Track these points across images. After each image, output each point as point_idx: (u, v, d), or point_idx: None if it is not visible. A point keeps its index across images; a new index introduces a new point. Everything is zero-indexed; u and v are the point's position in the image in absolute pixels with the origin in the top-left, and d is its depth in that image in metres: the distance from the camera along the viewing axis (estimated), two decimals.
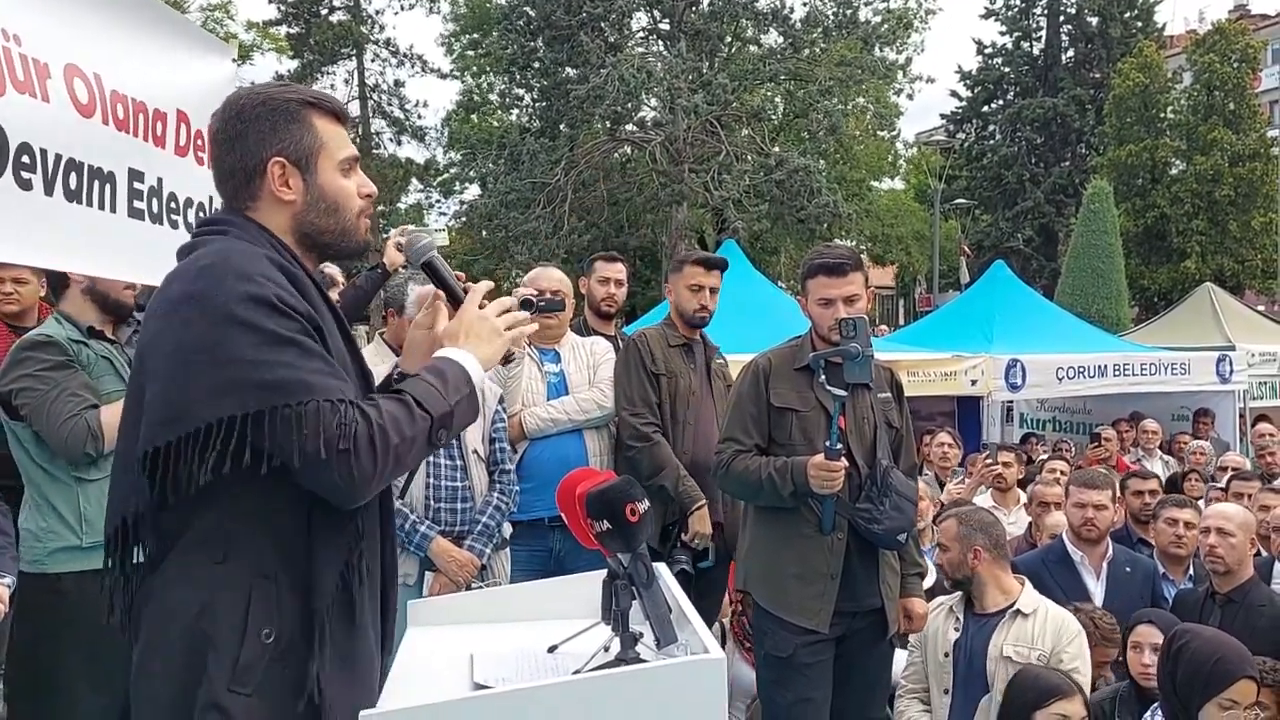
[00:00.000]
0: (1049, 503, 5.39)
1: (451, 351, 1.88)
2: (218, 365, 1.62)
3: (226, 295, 1.65)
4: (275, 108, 1.84)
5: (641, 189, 25.88)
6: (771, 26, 26.50)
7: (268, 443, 1.62)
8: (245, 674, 1.66)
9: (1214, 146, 27.24)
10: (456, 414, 1.80)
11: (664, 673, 1.64)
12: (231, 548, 1.69)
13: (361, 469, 1.64)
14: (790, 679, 3.40)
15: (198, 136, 3.43)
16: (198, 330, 1.64)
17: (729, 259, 4.89)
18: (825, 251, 3.54)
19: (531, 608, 2.19)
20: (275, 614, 1.69)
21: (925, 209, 35.53)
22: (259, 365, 1.62)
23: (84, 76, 2.88)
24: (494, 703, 1.61)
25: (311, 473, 1.64)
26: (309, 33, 30.23)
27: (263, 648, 1.67)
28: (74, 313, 3.26)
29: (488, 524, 3.70)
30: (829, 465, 3.21)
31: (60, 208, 2.80)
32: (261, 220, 1.84)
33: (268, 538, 1.71)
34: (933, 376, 8.70)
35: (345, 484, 1.65)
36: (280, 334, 1.65)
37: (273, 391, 1.62)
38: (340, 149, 1.89)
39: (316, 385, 1.65)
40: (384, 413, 1.70)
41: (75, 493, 3.10)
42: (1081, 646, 3.57)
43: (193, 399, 1.63)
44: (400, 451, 1.70)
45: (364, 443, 1.64)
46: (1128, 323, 17.77)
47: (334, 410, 1.63)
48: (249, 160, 1.83)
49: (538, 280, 4.29)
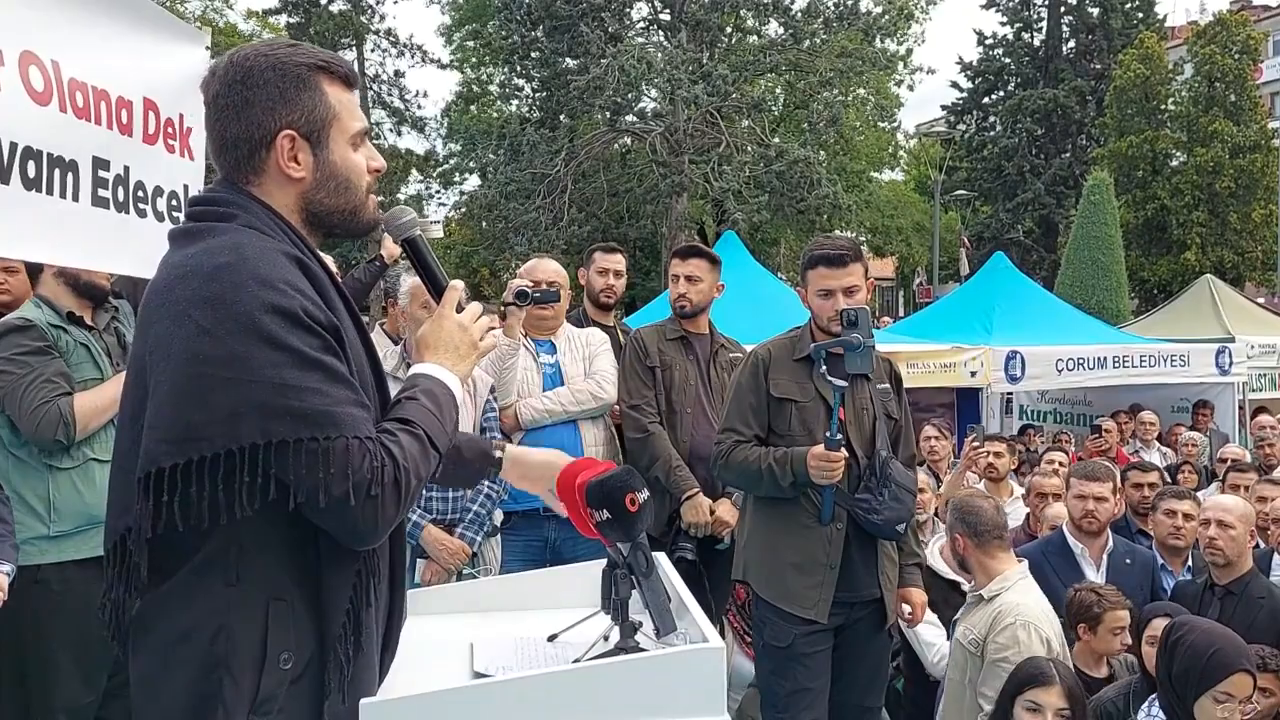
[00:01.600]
0: (1047, 494, 5.40)
1: (437, 370, 1.77)
2: (237, 385, 1.48)
3: (248, 304, 1.50)
4: (285, 73, 1.67)
5: (641, 180, 25.84)
6: (772, 17, 26.43)
7: (291, 476, 1.51)
8: (267, 702, 1.56)
9: (1215, 138, 27.17)
10: (447, 439, 1.74)
11: (663, 661, 1.64)
12: (244, 569, 1.57)
13: (386, 515, 1.55)
14: (789, 669, 3.41)
15: (167, 125, 3.37)
16: (215, 340, 1.49)
17: (730, 250, 4.90)
18: (825, 243, 3.54)
19: (531, 597, 2.20)
20: (292, 637, 1.58)
21: (925, 200, 35.48)
22: (284, 390, 1.49)
23: (40, 64, 2.82)
24: (494, 691, 1.62)
25: (334, 514, 1.53)
26: (309, 22, 30.14)
27: (282, 674, 1.57)
28: (51, 296, 3.25)
29: (479, 512, 3.73)
30: (829, 456, 3.21)
31: (18, 196, 2.75)
32: (265, 197, 1.69)
33: (279, 558, 1.59)
34: (932, 368, 8.72)
35: (368, 529, 1.55)
36: (307, 354, 1.53)
37: (299, 422, 1.49)
38: (352, 120, 1.74)
39: (345, 420, 1.53)
40: (406, 454, 1.59)
41: (46, 480, 3.10)
42: (1014, 638, 3.50)
43: (208, 419, 1.49)
44: (417, 492, 1.63)
45: (390, 488, 1.55)
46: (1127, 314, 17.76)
47: (362, 450, 1.53)
48: (255, 131, 1.67)
49: (533, 271, 4.29)
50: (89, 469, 3.13)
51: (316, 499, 1.51)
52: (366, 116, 1.88)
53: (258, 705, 1.55)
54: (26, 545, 3.07)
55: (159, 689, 1.59)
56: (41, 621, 3.07)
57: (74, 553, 3.10)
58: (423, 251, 1.89)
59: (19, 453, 3.10)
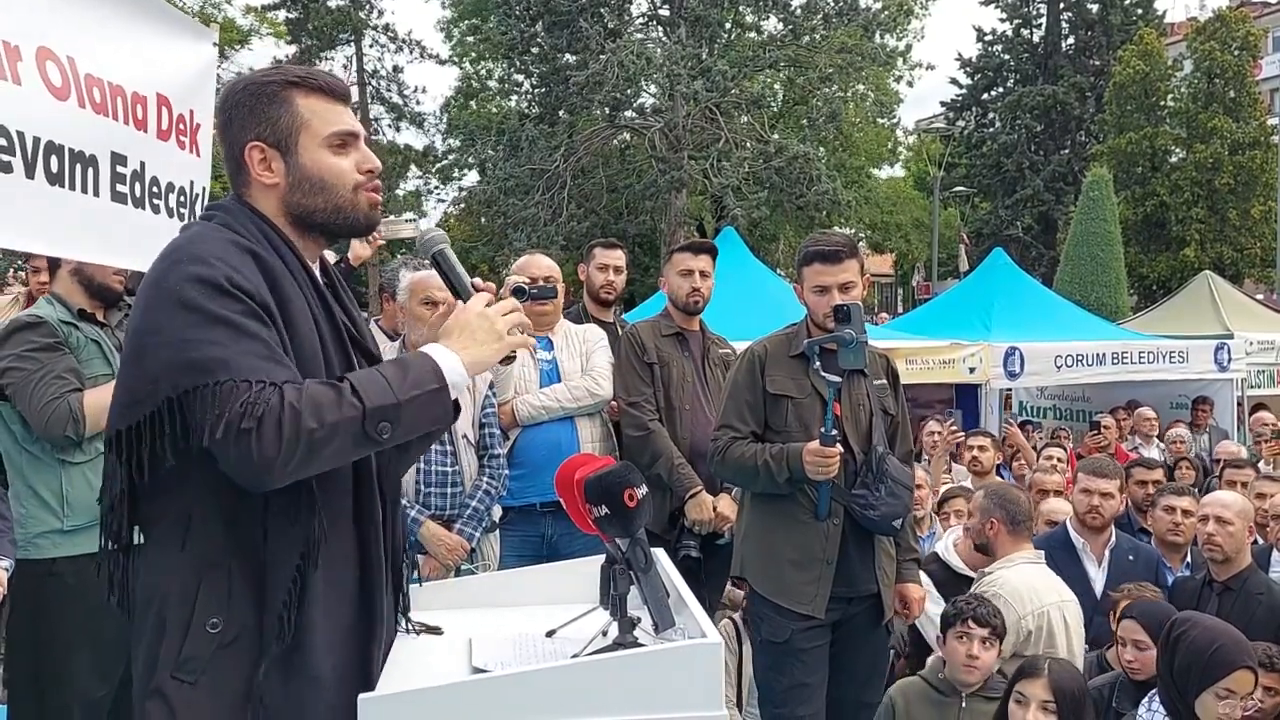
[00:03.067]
0: (1047, 490, 5.41)
1: (433, 348, 1.79)
2: (158, 349, 1.63)
3: (177, 278, 1.65)
4: (255, 92, 1.80)
5: (640, 176, 25.84)
6: (771, 13, 26.43)
7: (192, 417, 1.60)
8: (189, 663, 1.65)
9: (1214, 134, 27.17)
10: (407, 410, 1.68)
11: (662, 657, 1.64)
12: (190, 535, 1.69)
13: (263, 451, 1.57)
14: (786, 664, 3.41)
15: (179, 121, 3.39)
16: (151, 313, 1.66)
17: (729, 246, 4.90)
18: (820, 239, 3.54)
19: (529, 592, 2.20)
20: (225, 604, 1.67)
21: (924, 197, 35.48)
22: (187, 345, 1.61)
23: (57, 60, 2.84)
24: (492, 686, 1.62)
25: (219, 453, 1.60)
26: (307, 18, 30.11)
27: (209, 637, 1.66)
28: (64, 294, 3.26)
29: (477, 508, 3.73)
30: (824, 451, 3.22)
31: (44, 191, 2.77)
32: (254, 204, 1.82)
33: (221, 526, 1.69)
34: (931, 364, 8.71)
35: (244, 465, 1.59)
36: (217, 314, 1.63)
37: (196, 371, 1.60)
38: (325, 125, 1.82)
39: (237, 365, 1.60)
40: (304, 396, 1.61)
41: (59, 474, 3.10)
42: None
43: (141, 384, 1.65)
44: (316, 438, 1.60)
45: (270, 424, 1.57)
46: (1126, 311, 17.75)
47: (246, 389, 1.58)
48: (234, 147, 1.82)
49: (528, 267, 4.29)
50: (101, 463, 3.13)
51: (204, 439, 1.59)
52: (365, 112, 1.93)
53: (180, 664, 1.65)
54: (40, 539, 3.09)
55: (137, 654, 1.72)
56: (55, 615, 3.08)
57: (88, 546, 3.09)
58: (446, 267, 1.94)
59: (32, 448, 3.11)
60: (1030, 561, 3.98)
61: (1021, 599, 3.74)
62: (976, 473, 6.24)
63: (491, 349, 1.84)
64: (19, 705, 3.16)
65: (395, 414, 1.67)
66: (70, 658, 3.10)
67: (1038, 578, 3.89)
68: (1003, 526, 4.05)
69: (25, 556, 3.13)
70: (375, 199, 1.88)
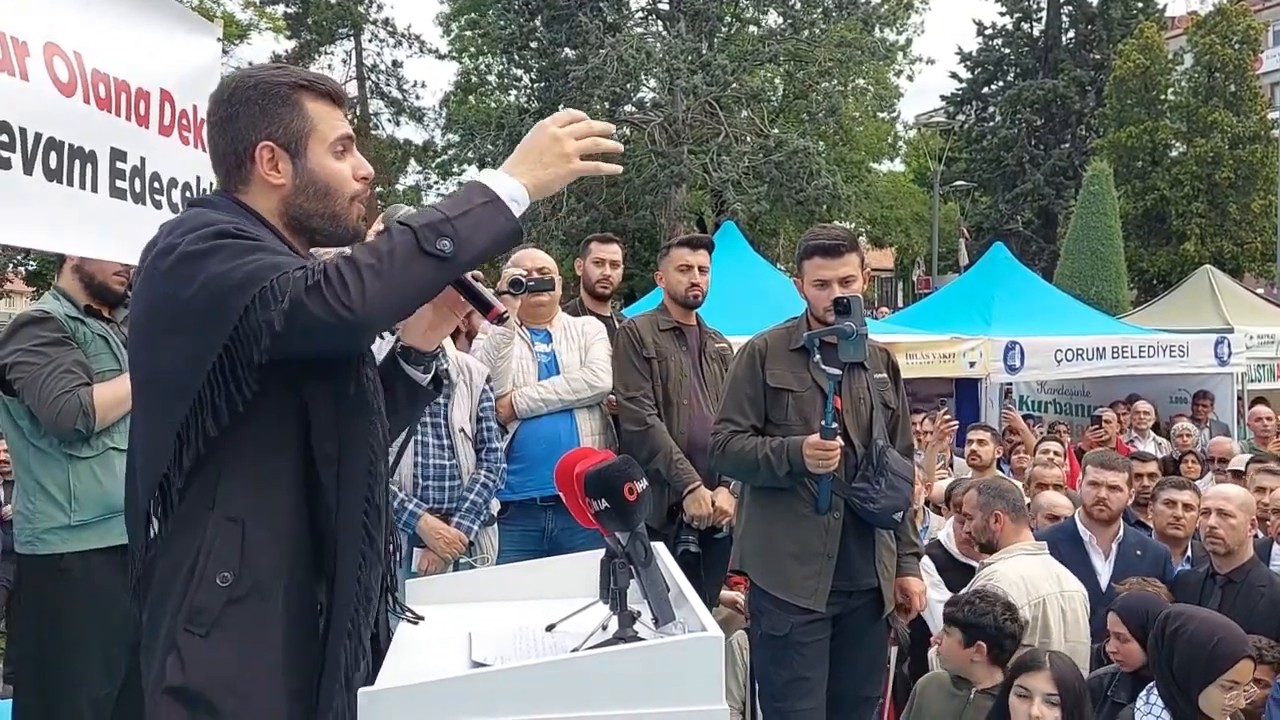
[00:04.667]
0: (1046, 484, 5.42)
1: (485, 173, 1.82)
2: (198, 295, 1.63)
3: (190, 238, 1.66)
4: (265, 91, 1.81)
5: (640, 170, 25.79)
6: (771, 7, 26.38)
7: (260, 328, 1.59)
8: (200, 615, 1.67)
9: (1214, 129, 27.13)
10: (462, 223, 1.67)
11: (662, 651, 1.64)
12: (220, 492, 1.71)
13: (337, 296, 1.57)
14: (786, 658, 3.41)
15: (182, 116, 3.40)
16: (167, 283, 1.66)
17: (729, 241, 4.90)
18: (821, 233, 3.54)
19: (529, 587, 2.20)
20: (237, 559, 1.69)
21: (924, 191, 35.45)
22: (222, 275, 1.62)
23: (64, 55, 2.85)
24: (492, 680, 1.62)
25: (297, 326, 1.58)
26: (306, 12, 30.04)
27: (218, 590, 1.67)
28: (68, 290, 3.27)
29: (475, 501, 3.73)
30: (824, 445, 3.22)
31: (40, 187, 2.78)
32: (251, 203, 1.83)
33: (244, 482, 1.71)
34: (931, 358, 8.72)
35: (329, 318, 1.57)
36: (244, 244, 1.66)
37: (245, 287, 1.60)
38: (332, 131, 1.85)
39: (276, 263, 1.63)
40: (354, 247, 1.68)
41: (66, 470, 3.10)
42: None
43: (199, 335, 1.64)
44: (379, 269, 1.60)
45: (332, 273, 1.59)
46: (1126, 305, 17.74)
47: (302, 269, 1.61)
48: (239, 144, 1.81)
49: (523, 261, 4.28)
50: (108, 458, 3.14)
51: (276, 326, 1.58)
52: (364, 107, 1.93)
53: (191, 615, 1.67)
54: (48, 535, 3.10)
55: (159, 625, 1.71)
56: (63, 610, 3.09)
57: (96, 541, 3.11)
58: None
59: (39, 443, 3.11)
60: (1029, 552, 3.99)
61: (1017, 590, 3.75)
62: (976, 467, 6.24)
63: (557, 170, 1.83)
64: (25, 700, 3.17)
65: (449, 228, 1.66)
66: (77, 653, 3.10)
67: (1035, 568, 3.91)
68: (1007, 517, 4.07)
69: (32, 552, 3.13)
70: (363, 211, 1.92)
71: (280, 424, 1.73)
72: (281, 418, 1.73)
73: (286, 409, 1.73)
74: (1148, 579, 4.05)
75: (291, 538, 1.74)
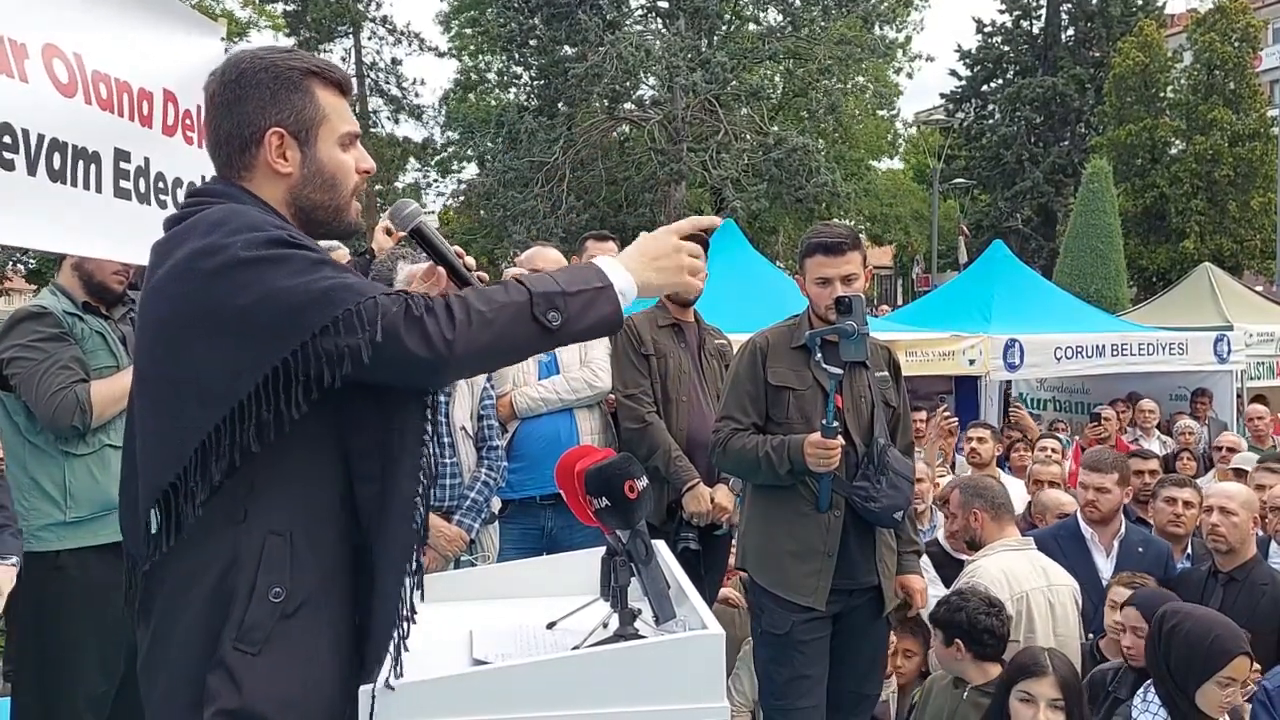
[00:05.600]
0: (1044, 481, 5.43)
1: (600, 259, 1.77)
2: (261, 305, 1.56)
3: (244, 242, 1.59)
4: (277, 74, 1.75)
5: (640, 168, 25.81)
6: (770, 4, 26.41)
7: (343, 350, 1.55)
8: (251, 632, 1.60)
9: (1214, 126, 27.11)
10: (574, 301, 1.66)
11: (662, 648, 1.64)
12: (252, 505, 1.64)
13: (440, 331, 1.56)
14: (787, 656, 3.41)
15: (185, 116, 3.40)
16: (226, 280, 1.58)
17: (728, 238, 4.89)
18: (823, 231, 3.54)
19: (530, 584, 2.20)
20: (287, 573, 1.63)
21: (924, 189, 35.44)
22: (298, 288, 1.56)
23: (63, 56, 2.85)
24: (493, 678, 1.62)
25: (386, 355, 1.55)
26: (305, 10, 30.02)
27: (271, 606, 1.62)
28: (67, 286, 3.26)
29: (476, 499, 3.73)
30: (825, 443, 3.22)
31: (44, 188, 2.77)
32: (256, 191, 1.76)
33: (286, 494, 1.65)
34: (931, 356, 8.72)
35: (423, 350, 1.56)
36: (310, 257, 1.61)
37: (324, 304, 1.55)
38: (341, 123, 1.81)
39: (362, 287, 1.59)
40: (470, 290, 1.66)
41: (62, 466, 3.10)
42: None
43: (252, 347, 1.57)
44: (487, 318, 1.59)
45: (440, 308, 1.57)
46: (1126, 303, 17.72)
47: (391, 297, 1.57)
48: (246, 128, 1.75)
49: (532, 260, 4.28)
50: (104, 455, 3.13)
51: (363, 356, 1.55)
52: (364, 105, 1.91)
53: (243, 633, 1.60)
54: (44, 532, 3.09)
55: (168, 629, 1.65)
56: (60, 608, 3.08)
57: (91, 539, 3.10)
58: (431, 240, 1.89)
59: (35, 439, 3.11)
60: (1012, 548, 4.01)
61: (998, 586, 3.78)
62: (976, 465, 6.25)
63: (669, 279, 1.82)
64: (23, 698, 3.17)
65: (563, 301, 1.65)
66: (74, 651, 3.10)
67: (1018, 563, 3.94)
68: (985, 515, 4.13)
69: (28, 549, 3.12)
70: (359, 207, 1.89)
71: (322, 439, 1.68)
72: (322, 433, 1.67)
73: (327, 424, 1.67)
74: (1134, 574, 4.06)
75: (333, 552, 1.70)
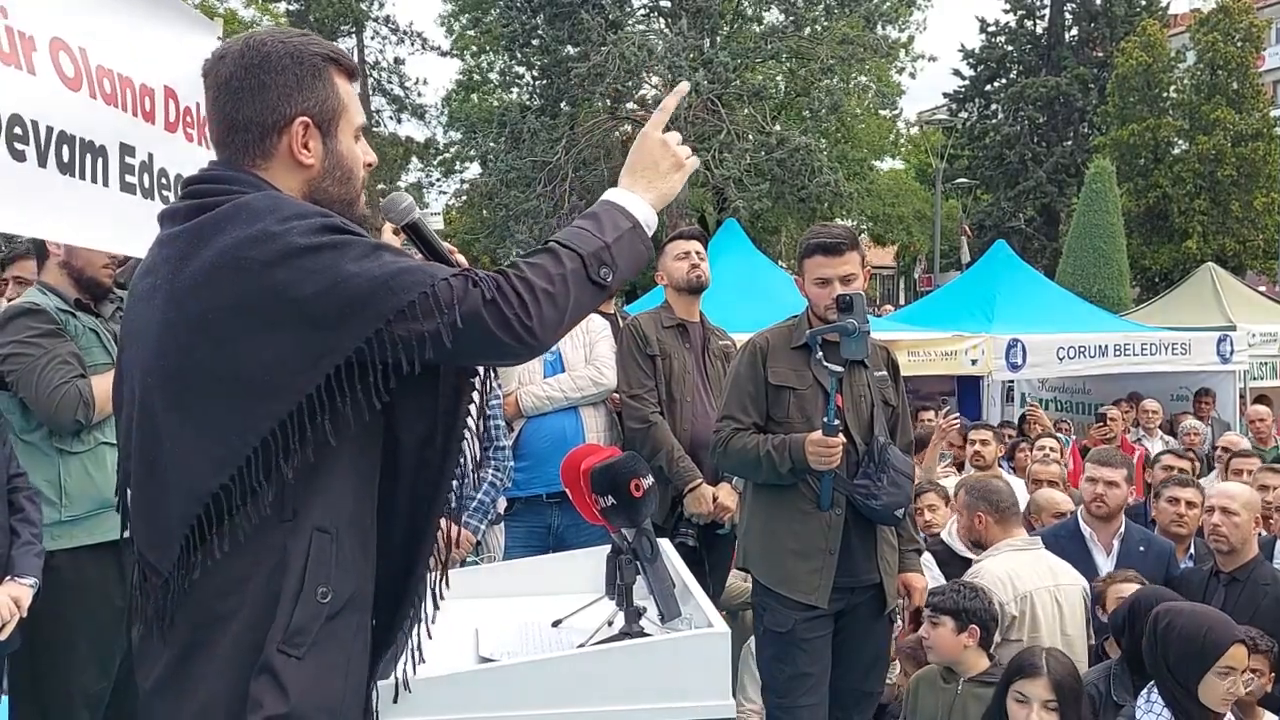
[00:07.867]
0: (1041, 480, 5.43)
1: (616, 193, 1.75)
2: (339, 292, 1.49)
3: (300, 229, 1.52)
4: (302, 61, 1.67)
5: None
6: (773, 4, 26.36)
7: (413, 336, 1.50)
8: (297, 635, 1.53)
9: (1217, 126, 27.07)
10: (618, 250, 1.66)
11: (667, 646, 1.66)
12: (300, 503, 1.56)
13: (517, 313, 1.53)
14: (789, 654, 3.42)
15: (186, 113, 3.42)
16: (285, 269, 1.49)
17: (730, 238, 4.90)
18: (822, 231, 3.56)
19: (536, 583, 2.21)
20: (332, 572, 1.57)
21: (926, 189, 35.38)
22: (365, 273, 1.50)
23: (69, 50, 2.87)
24: (500, 675, 1.63)
25: (470, 338, 1.52)
26: (308, 9, 30.06)
27: (319, 607, 1.55)
28: (55, 284, 3.24)
29: (482, 500, 3.74)
30: (826, 442, 3.23)
31: (55, 180, 2.79)
32: (272, 180, 1.65)
33: (336, 491, 1.59)
34: (933, 356, 8.72)
35: (506, 334, 1.53)
36: (370, 242, 1.55)
37: (394, 290, 1.50)
38: (357, 114, 1.75)
39: (429, 270, 1.54)
40: (520, 264, 1.60)
41: (57, 465, 3.08)
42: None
43: (321, 337, 1.50)
44: (553, 293, 1.57)
45: (509, 290, 1.53)
46: (1129, 303, 17.72)
47: (460, 278, 1.53)
48: (271, 115, 1.64)
49: None
50: (100, 453, 3.12)
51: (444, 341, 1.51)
52: (366, 104, 1.89)
53: (289, 636, 1.53)
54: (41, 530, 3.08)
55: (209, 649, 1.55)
56: (55, 607, 3.06)
57: (86, 538, 3.10)
58: (425, 234, 1.85)
59: (29, 438, 3.09)
60: (1018, 548, 4.02)
61: (1002, 586, 3.78)
62: (979, 467, 6.24)
63: (674, 181, 1.81)
64: (20, 699, 3.16)
65: (609, 255, 1.65)
66: (69, 651, 3.10)
67: (1023, 563, 3.94)
68: (990, 518, 4.16)
69: None
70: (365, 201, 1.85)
71: (373, 431, 1.64)
72: (374, 424, 1.62)
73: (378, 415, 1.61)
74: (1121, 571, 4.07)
75: (368, 549, 1.66)
